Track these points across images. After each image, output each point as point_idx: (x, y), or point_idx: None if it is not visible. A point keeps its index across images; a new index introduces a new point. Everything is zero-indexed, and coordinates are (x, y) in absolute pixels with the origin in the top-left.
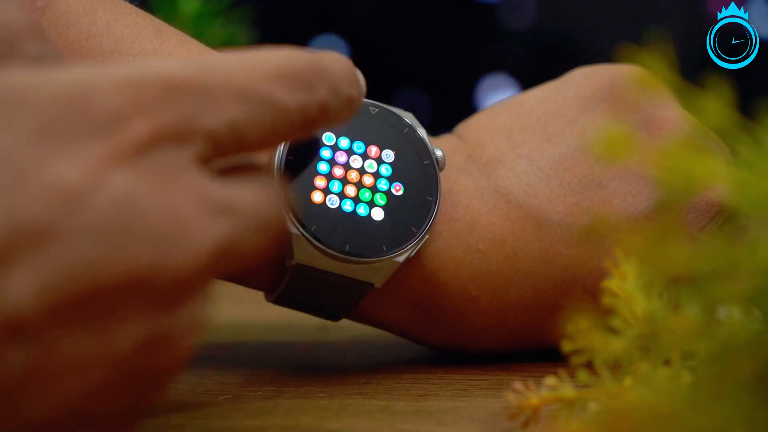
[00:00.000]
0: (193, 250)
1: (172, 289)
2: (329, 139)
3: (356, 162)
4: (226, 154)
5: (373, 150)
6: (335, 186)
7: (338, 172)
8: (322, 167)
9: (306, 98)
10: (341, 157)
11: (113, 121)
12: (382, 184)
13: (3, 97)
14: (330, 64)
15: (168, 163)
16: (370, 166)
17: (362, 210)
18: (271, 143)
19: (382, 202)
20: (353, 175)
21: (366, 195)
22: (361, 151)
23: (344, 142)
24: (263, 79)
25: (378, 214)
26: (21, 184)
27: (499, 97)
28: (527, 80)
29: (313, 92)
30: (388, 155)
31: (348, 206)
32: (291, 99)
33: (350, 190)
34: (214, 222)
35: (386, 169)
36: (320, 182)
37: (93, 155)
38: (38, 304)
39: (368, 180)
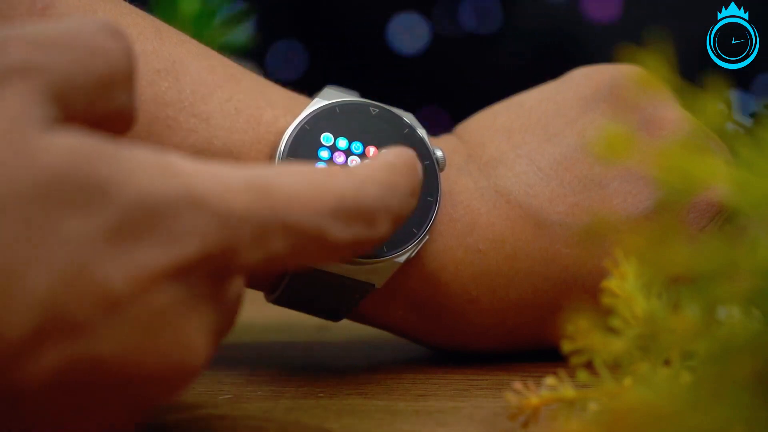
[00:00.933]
0: (190, 373)
1: (156, 399)
2: (327, 140)
3: (354, 163)
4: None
5: (372, 150)
6: None
7: None
8: None
9: (364, 233)
10: (339, 158)
11: (173, 240)
12: None
13: (91, 182)
14: (401, 190)
15: (199, 290)
16: None
17: None
18: (304, 265)
19: None
20: None
21: None
22: (359, 151)
23: (342, 143)
24: (320, 214)
25: None
26: (74, 277)
27: None
28: None
29: (373, 228)
30: None
31: None
32: (344, 234)
33: None
34: (209, 345)
35: None
36: None
37: (145, 267)
38: (47, 384)
39: None
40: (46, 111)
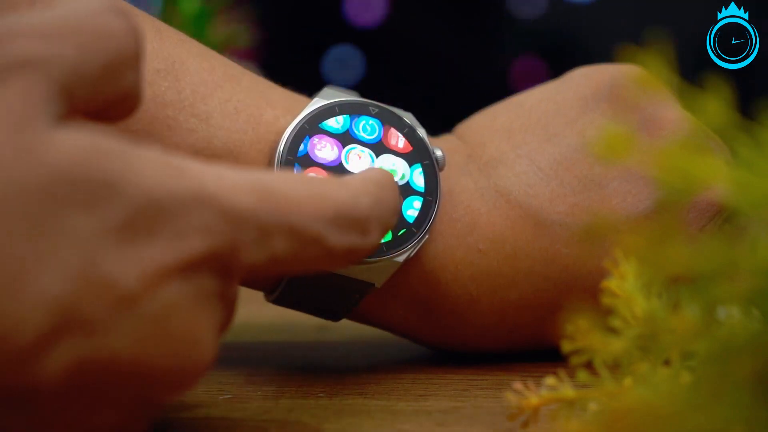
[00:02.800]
0: (200, 368)
1: (166, 395)
2: None
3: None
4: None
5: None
6: None
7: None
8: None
9: (357, 242)
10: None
11: (181, 236)
12: None
13: (100, 179)
14: (388, 204)
15: (207, 287)
16: None
17: None
18: (302, 270)
19: None
20: None
21: None
22: None
23: None
24: (321, 220)
25: None
26: (85, 274)
27: None
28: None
29: (366, 237)
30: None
31: None
32: (341, 241)
33: None
34: (216, 341)
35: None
36: None
37: (155, 264)
38: (60, 382)
39: None
40: (51, 106)
